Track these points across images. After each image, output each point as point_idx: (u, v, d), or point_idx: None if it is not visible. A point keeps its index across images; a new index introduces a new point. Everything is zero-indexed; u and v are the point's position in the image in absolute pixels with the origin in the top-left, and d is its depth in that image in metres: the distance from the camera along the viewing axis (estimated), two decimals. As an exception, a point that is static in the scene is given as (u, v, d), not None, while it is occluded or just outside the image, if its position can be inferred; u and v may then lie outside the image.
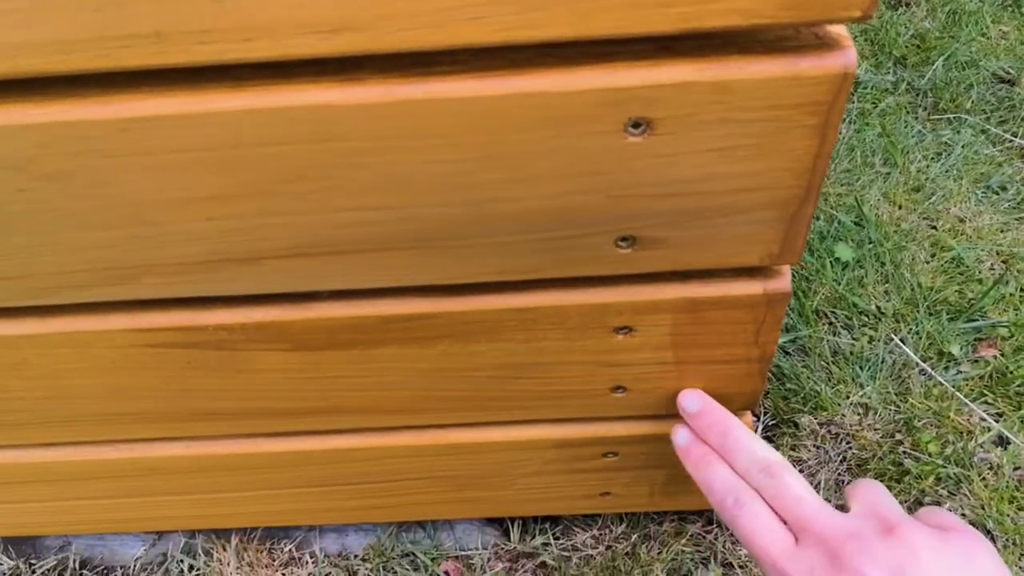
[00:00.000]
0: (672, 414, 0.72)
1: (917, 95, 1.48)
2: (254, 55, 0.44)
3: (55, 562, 0.91)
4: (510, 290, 0.60)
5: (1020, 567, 0.85)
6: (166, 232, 0.54)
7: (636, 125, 0.48)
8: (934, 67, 1.52)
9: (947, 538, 0.49)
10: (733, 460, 0.60)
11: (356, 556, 0.90)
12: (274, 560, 0.90)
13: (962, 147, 1.35)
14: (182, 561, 0.91)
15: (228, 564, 0.89)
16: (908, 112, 1.44)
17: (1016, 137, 1.38)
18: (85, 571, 0.91)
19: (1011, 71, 1.52)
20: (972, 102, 1.45)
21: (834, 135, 0.49)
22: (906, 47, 1.58)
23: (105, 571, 0.91)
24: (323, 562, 0.90)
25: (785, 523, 0.54)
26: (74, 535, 0.94)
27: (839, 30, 0.46)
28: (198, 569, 0.90)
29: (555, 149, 0.49)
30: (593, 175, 0.50)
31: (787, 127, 0.48)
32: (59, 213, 0.53)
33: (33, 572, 0.90)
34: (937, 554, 0.48)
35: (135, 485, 0.81)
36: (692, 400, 0.66)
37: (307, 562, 0.90)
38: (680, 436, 0.66)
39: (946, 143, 1.37)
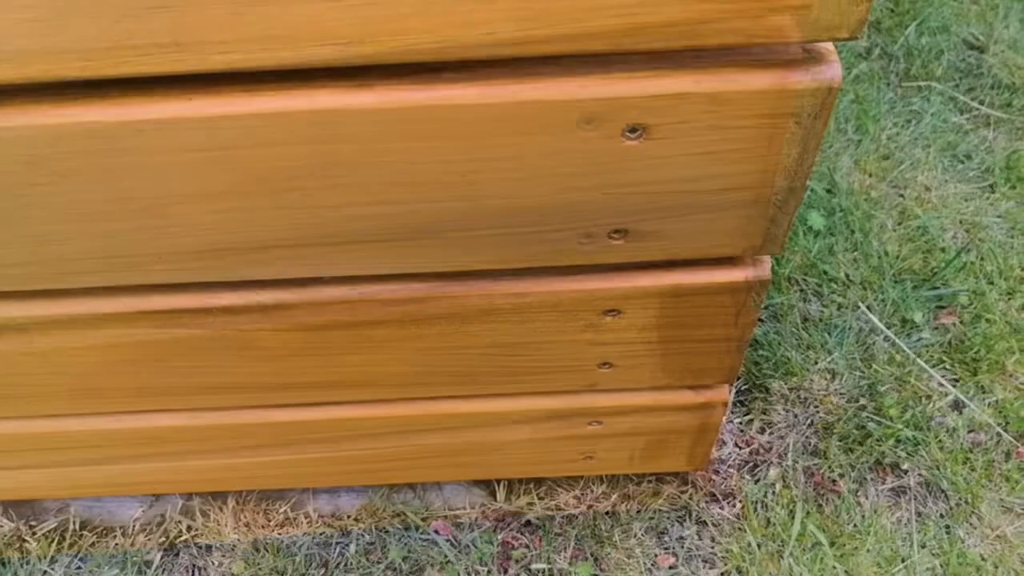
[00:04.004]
0: (654, 387, 0.76)
1: (890, 61, 1.51)
2: (270, 63, 0.46)
3: (55, 524, 0.94)
4: (506, 277, 0.63)
5: (971, 524, 0.92)
6: (176, 224, 0.56)
7: (633, 130, 0.50)
8: (907, 32, 1.55)
9: None
10: None
11: (349, 516, 0.94)
12: (270, 521, 0.94)
13: (931, 115, 1.39)
14: (180, 522, 0.94)
15: (226, 525, 0.93)
16: (881, 78, 1.47)
17: (983, 105, 1.42)
18: (85, 532, 0.94)
19: (981, 37, 1.55)
20: (942, 69, 1.48)
21: (818, 141, 0.52)
22: (880, 10, 1.61)
23: (104, 532, 0.95)
24: (317, 522, 0.94)
25: None
26: (73, 498, 0.97)
27: (826, 45, 0.49)
28: (196, 530, 0.93)
29: (554, 152, 0.51)
30: (589, 175, 0.53)
31: (774, 133, 0.51)
32: (70, 206, 0.54)
33: (34, 534, 0.93)
34: None
35: (137, 453, 0.83)
36: None
37: (302, 522, 0.94)
38: None
39: (916, 111, 1.40)
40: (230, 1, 0.43)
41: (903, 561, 0.90)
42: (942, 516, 0.93)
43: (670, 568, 0.90)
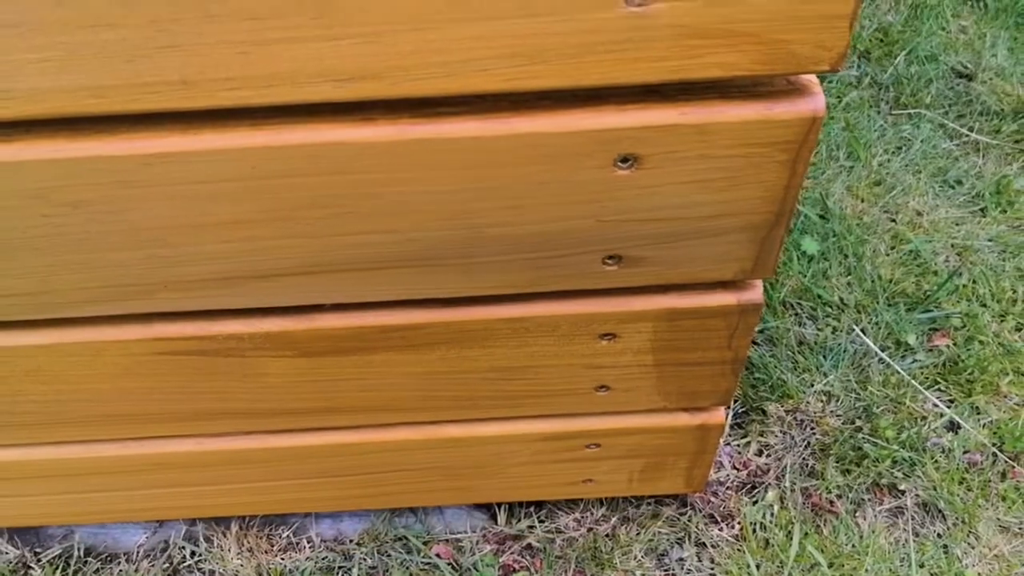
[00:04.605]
0: (651, 409, 0.78)
1: (880, 89, 1.54)
2: (275, 100, 0.48)
3: (60, 550, 0.95)
4: (504, 302, 0.65)
5: (968, 543, 0.93)
6: (183, 253, 0.58)
7: (624, 160, 0.52)
8: (896, 62, 1.58)
9: None
10: None
11: (351, 541, 0.95)
12: (273, 546, 0.95)
13: (921, 142, 1.41)
14: (183, 548, 0.95)
15: (229, 550, 0.94)
16: (871, 106, 1.50)
17: (972, 132, 1.45)
18: (90, 559, 0.95)
19: (969, 66, 1.59)
20: (932, 97, 1.51)
21: (804, 168, 0.54)
22: (870, 40, 1.64)
23: (109, 558, 0.95)
24: (320, 547, 0.95)
25: None
26: (77, 524, 0.98)
27: (810, 77, 0.51)
28: (200, 555, 0.94)
29: (549, 182, 0.53)
30: (584, 203, 0.55)
31: (761, 162, 0.53)
32: (80, 237, 0.56)
33: (39, 560, 0.94)
34: None
35: (142, 479, 0.84)
36: None
37: (304, 547, 0.95)
38: None
39: (906, 138, 1.43)
40: (237, 41, 0.45)
41: (901, 582, 0.90)
42: (939, 536, 0.94)
43: (670, 591, 0.90)
